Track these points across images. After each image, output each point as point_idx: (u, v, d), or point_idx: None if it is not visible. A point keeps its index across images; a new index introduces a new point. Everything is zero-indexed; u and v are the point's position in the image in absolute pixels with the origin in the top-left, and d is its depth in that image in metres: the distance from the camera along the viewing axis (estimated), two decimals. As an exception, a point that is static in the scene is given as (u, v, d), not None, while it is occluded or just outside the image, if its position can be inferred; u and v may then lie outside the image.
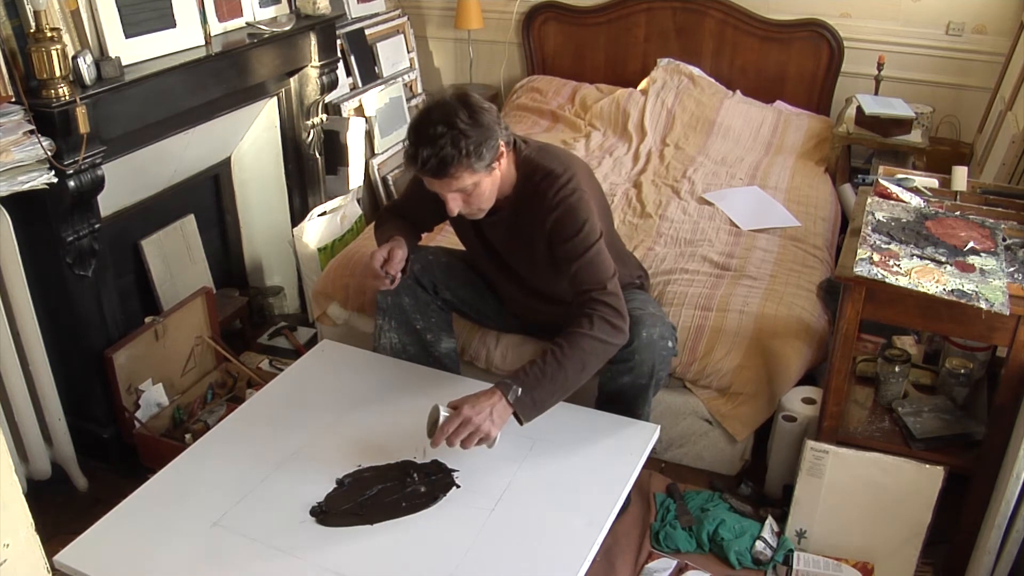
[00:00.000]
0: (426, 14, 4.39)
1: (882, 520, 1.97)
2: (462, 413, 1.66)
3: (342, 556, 1.53)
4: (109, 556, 1.54)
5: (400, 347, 2.16)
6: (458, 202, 1.82)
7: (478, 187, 1.79)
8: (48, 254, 2.15)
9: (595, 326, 1.77)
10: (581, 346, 1.76)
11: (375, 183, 3.64)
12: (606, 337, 1.79)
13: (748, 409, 2.26)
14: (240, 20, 2.68)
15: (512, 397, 1.69)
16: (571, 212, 1.84)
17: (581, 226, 1.84)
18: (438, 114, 1.72)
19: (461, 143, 1.70)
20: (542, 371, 1.73)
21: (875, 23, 3.64)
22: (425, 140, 1.71)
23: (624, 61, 4.11)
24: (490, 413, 1.67)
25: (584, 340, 1.76)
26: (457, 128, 1.70)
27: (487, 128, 1.74)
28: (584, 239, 1.84)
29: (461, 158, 1.71)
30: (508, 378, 1.73)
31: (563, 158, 1.94)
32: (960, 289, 1.74)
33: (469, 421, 1.65)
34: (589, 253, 1.84)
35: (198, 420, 2.46)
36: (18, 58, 1.96)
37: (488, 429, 1.66)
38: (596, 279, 1.83)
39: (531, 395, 1.71)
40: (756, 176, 3.30)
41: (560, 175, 1.86)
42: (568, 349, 1.75)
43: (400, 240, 2.01)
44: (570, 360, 1.75)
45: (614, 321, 1.80)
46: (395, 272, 1.96)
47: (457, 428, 1.65)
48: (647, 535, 2.10)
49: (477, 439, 1.67)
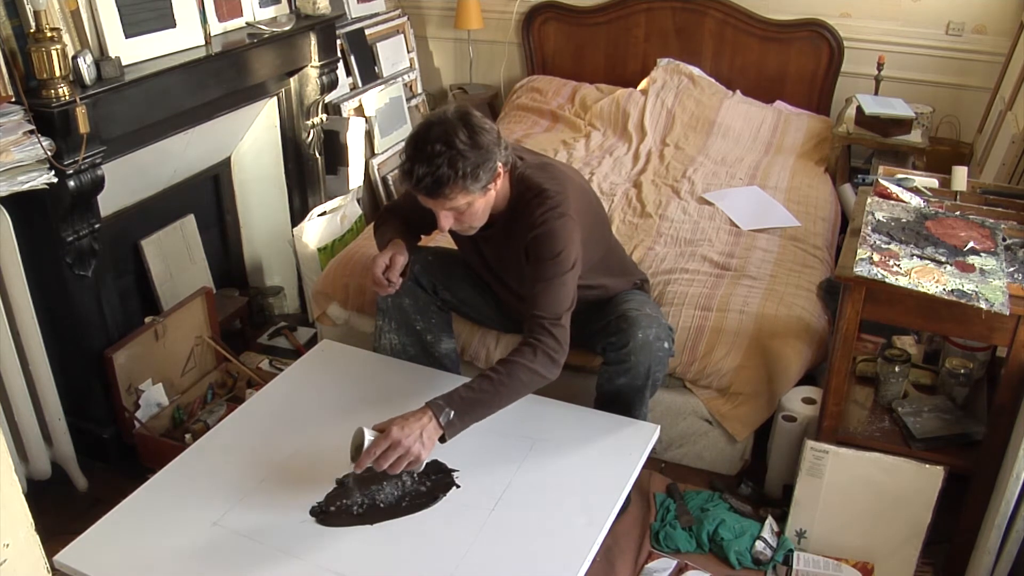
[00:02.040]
0: (426, 14, 4.39)
1: (882, 520, 1.97)
2: (390, 435, 1.58)
3: (342, 556, 1.53)
4: (109, 556, 1.54)
5: (400, 348, 2.16)
6: (450, 220, 1.79)
7: (471, 207, 1.77)
8: (48, 254, 2.15)
9: (537, 359, 1.74)
10: (518, 376, 1.72)
11: (375, 183, 3.64)
12: (543, 371, 1.75)
13: (748, 409, 2.26)
14: (240, 20, 2.68)
15: (444, 420, 1.63)
16: (551, 234, 1.80)
17: (557, 252, 1.79)
18: (437, 132, 1.69)
19: (458, 164, 1.67)
20: (476, 396, 1.69)
21: (875, 23, 3.64)
22: (422, 158, 1.68)
23: (624, 61, 4.10)
24: (420, 435, 1.60)
25: (522, 371, 1.72)
26: (455, 148, 1.67)
27: (485, 150, 1.71)
28: (556, 264, 1.79)
29: (456, 179, 1.68)
30: (440, 399, 1.66)
31: (560, 179, 1.89)
32: (960, 289, 1.74)
33: (399, 443, 1.57)
34: (556, 280, 1.79)
35: (198, 420, 2.46)
36: (18, 58, 1.96)
37: (418, 451, 1.59)
38: (552, 308, 1.78)
39: (461, 418, 1.66)
40: (756, 176, 3.30)
41: (552, 196, 1.83)
42: (505, 377, 1.71)
43: (400, 245, 2.01)
44: (505, 388, 1.71)
45: (555, 356, 1.76)
46: (396, 279, 1.96)
47: (386, 451, 1.58)
48: (647, 535, 2.10)
49: (406, 462, 1.59)
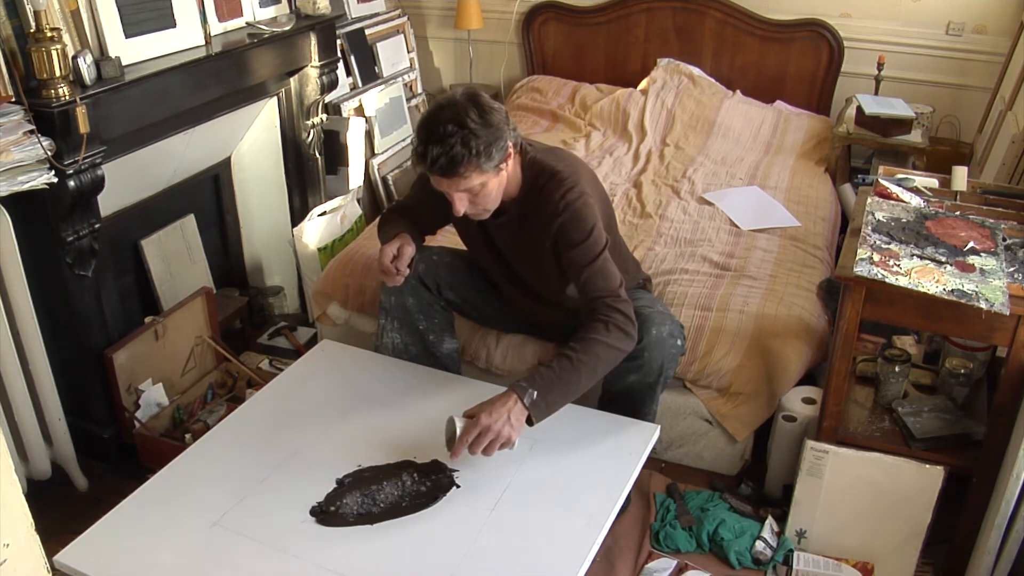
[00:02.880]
0: (426, 14, 4.39)
1: (882, 520, 1.97)
2: (480, 422, 1.64)
3: (342, 556, 1.53)
4: (109, 556, 1.54)
5: (402, 347, 2.16)
6: (464, 202, 1.81)
7: (485, 187, 1.78)
8: (48, 254, 2.15)
9: (611, 333, 1.77)
10: (595, 352, 1.76)
11: (375, 183, 3.64)
12: (619, 344, 1.79)
13: (748, 409, 2.26)
14: (240, 20, 2.68)
15: (528, 400, 1.68)
16: (577, 217, 1.83)
17: (589, 232, 1.83)
18: (448, 113, 1.71)
19: (471, 142, 1.69)
20: (557, 375, 1.73)
21: (875, 23, 3.64)
22: (435, 138, 1.70)
23: (624, 61, 4.11)
24: (508, 418, 1.65)
25: (599, 346, 1.76)
26: (467, 127, 1.69)
27: (497, 128, 1.73)
28: (592, 245, 1.83)
29: (471, 157, 1.70)
30: (523, 380, 1.72)
31: (569, 161, 1.93)
32: (960, 289, 1.74)
33: (489, 429, 1.64)
34: (598, 260, 1.83)
35: (198, 420, 2.46)
36: (18, 58, 1.96)
37: (508, 433, 1.65)
38: (608, 286, 1.82)
39: (545, 398, 1.70)
40: (756, 176, 3.30)
41: (566, 178, 1.85)
42: (583, 354, 1.74)
43: (407, 237, 2.01)
44: (584, 365, 1.74)
45: (627, 328, 1.80)
46: (404, 268, 1.96)
47: (478, 437, 1.64)
48: (647, 535, 2.10)
49: (499, 444, 1.66)
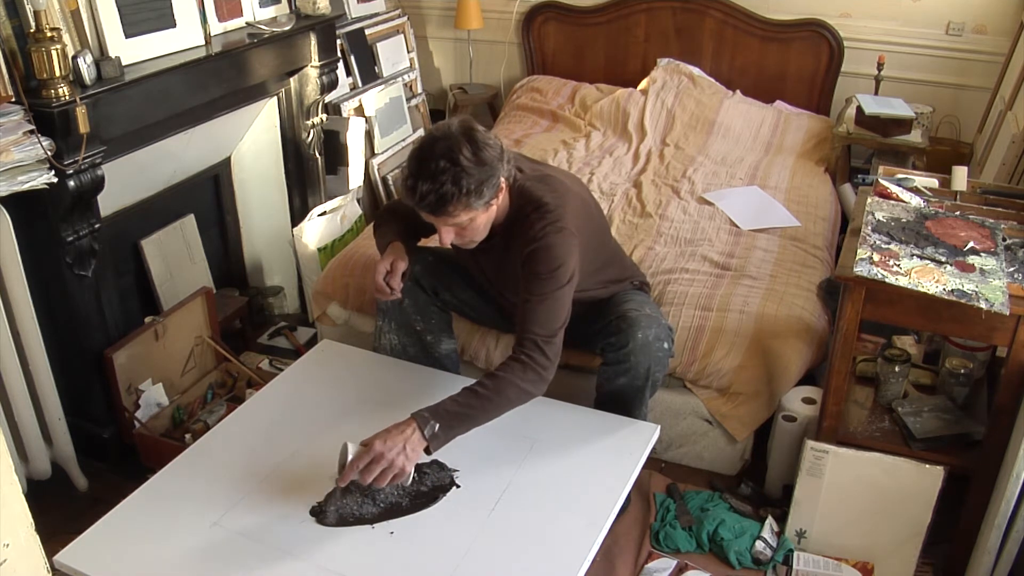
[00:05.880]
0: (426, 14, 4.39)
1: (882, 520, 1.97)
2: (373, 448, 1.57)
3: (342, 556, 1.53)
4: (109, 556, 1.54)
5: (400, 348, 2.16)
6: (451, 235, 1.77)
7: (473, 222, 1.75)
8: (48, 254, 2.15)
9: (527, 376, 1.72)
10: (506, 393, 1.71)
11: (375, 183, 3.64)
12: (531, 389, 1.73)
13: (748, 409, 2.26)
14: (240, 20, 2.68)
15: (428, 432, 1.62)
16: (548, 249, 1.77)
17: (554, 267, 1.76)
18: (442, 147, 1.65)
19: (462, 181, 1.64)
20: (462, 411, 1.67)
21: (875, 23, 3.64)
22: (426, 174, 1.65)
23: (624, 61, 4.11)
24: (403, 448, 1.58)
25: (511, 389, 1.71)
26: (460, 165, 1.64)
27: (490, 166, 1.69)
28: (551, 279, 1.76)
29: (460, 196, 1.66)
30: (426, 411, 1.64)
31: (559, 191, 1.86)
32: (960, 289, 1.74)
33: (382, 457, 1.56)
34: (550, 296, 1.76)
35: (198, 420, 2.46)
36: (18, 58, 1.96)
37: (402, 464, 1.58)
38: (547, 325, 1.75)
39: (446, 432, 1.65)
40: (756, 176, 3.30)
41: (552, 210, 1.80)
42: (492, 393, 1.69)
43: (400, 249, 1.99)
44: (490, 403, 1.70)
45: (544, 375, 1.74)
46: (397, 285, 1.95)
47: (370, 465, 1.57)
48: (647, 535, 2.10)
49: (390, 475, 1.58)
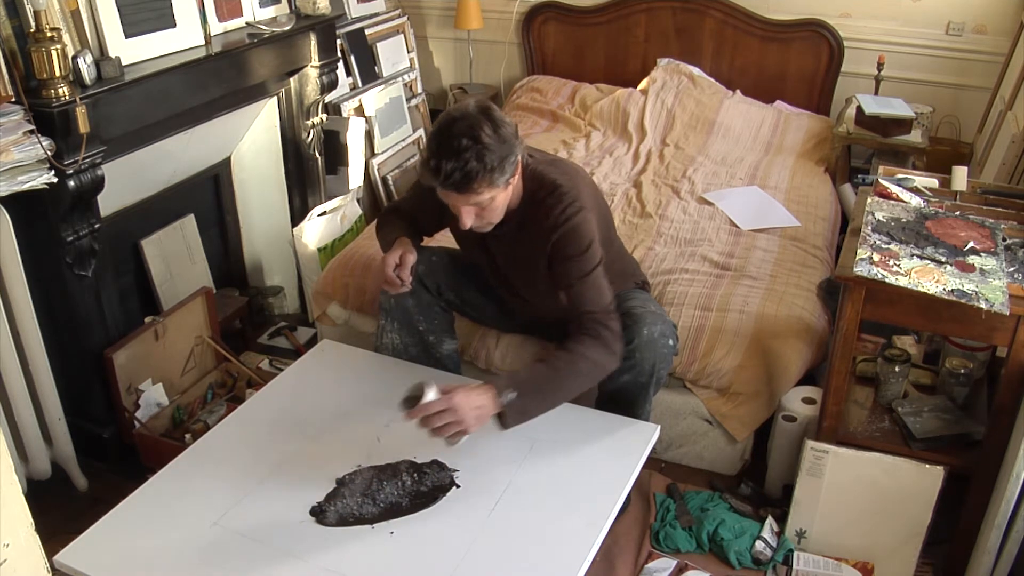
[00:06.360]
0: (426, 14, 4.39)
1: (882, 520, 1.97)
2: (453, 399, 1.61)
3: (342, 556, 1.53)
4: (109, 556, 1.54)
5: (402, 348, 2.16)
6: (471, 216, 1.78)
7: (493, 201, 1.76)
8: (48, 254, 2.15)
9: (597, 350, 1.77)
10: (580, 368, 1.75)
11: (375, 183, 3.64)
12: (604, 362, 1.78)
13: (748, 409, 2.26)
14: (240, 20, 2.68)
15: (505, 400, 1.67)
16: (575, 231, 1.82)
17: (586, 247, 1.82)
18: (462, 127, 1.67)
19: (486, 157, 1.66)
20: (539, 384, 1.71)
21: (875, 23, 3.64)
22: (449, 153, 1.66)
23: (624, 61, 4.11)
24: (478, 409, 1.63)
25: (584, 362, 1.75)
26: (482, 142, 1.66)
27: (509, 143, 1.71)
28: (587, 260, 1.82)
29: (485, 173, 1.67)
30: (505, 380, 1.70)
31: (571, 174, 1.91)
32: (960, 289, 1.74)
33: (456, 410, 1.61)
34: (592, 274, 1.82)
35: (198, 420, 2.46)
36: (18, 58, 1.96)
37: (469, 424, 1.62)
38: (598, 301, 1.81)
39: (522, 403, 1.68)
40: (756, 176, 3.30)
41: (567, 192, 1.84)
42: (566, 368, 1.73)
43: (408, 243, 2.01)
44: (566, 379, 1.73)
45: (614, 347, 1.80)
46: (407, 277, 1.96)
47: (441, 413, 1.61)
48: (647, 535, 2.10)
49: (454, 430, 1.63)
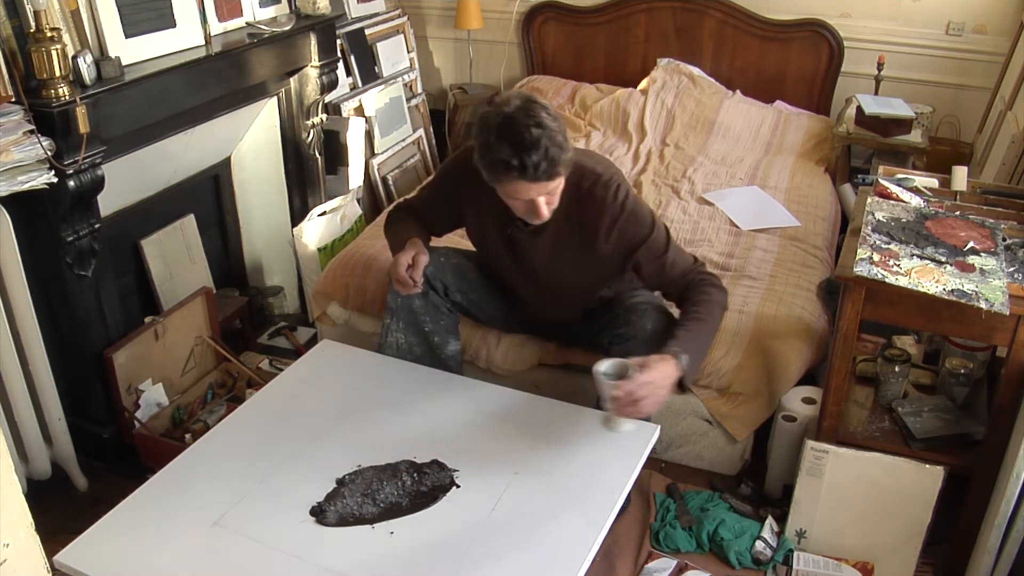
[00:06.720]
0: (426, 14, 4.39)
1: (882, 520, 1.97)
2: (652, 373, 1.63)
3: (342, 556, 1.53)
4: (109, 556, 1.54)
5: (406, 347, 2.15)
6: (547, 205, 1.77)
7: (560, 186, 1.77)
8: (48, 254, 2.15)
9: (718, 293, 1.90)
10: (716, 312, 1.87)
11: (375, 183, 3.64)
12: (726, 301, 1.93)
13: (748, 409, 2.26)
14: (240, 20, 2.68)
15: (684, 364, 1.70)
16: (635, 214, 1.87)
17: (651, 223, 1.88)
18: (525, 118, 1.64)
19: (557, 139, 1.66)
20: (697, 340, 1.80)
21: (875, 23, 3.64)
22: (527, 146, 1.63)
23: (624, 61, 4.11)
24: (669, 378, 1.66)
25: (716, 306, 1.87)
26: (548, 127, 1.65)
27: (560, 121, 1.71)
28: (659, 234, 1.89)
29: (563, 154, 1.68)
30: (675, 346, 1.72)
31: (605, 162, 1.94)
32: (960, 289, 1.74)
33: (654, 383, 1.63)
34: (670, 247, 1.91)
35: (198, 420, 2.46)
36: (18, 58, 1.96)
37: (662, 400, 1.66)
38: (689, 264, 1.94)
39: (692, 362, 1.74)
40: (756, 176, 3.30)
41: (610, 179, 1.86)
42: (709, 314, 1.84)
43: (419, 243, 2.01)
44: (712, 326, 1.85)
45: (722, 286, 1.95)
46: (420, 277, 1.96)
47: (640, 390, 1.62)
48: (647, 535, 2.10)
49: (647, 409, 1.65)
